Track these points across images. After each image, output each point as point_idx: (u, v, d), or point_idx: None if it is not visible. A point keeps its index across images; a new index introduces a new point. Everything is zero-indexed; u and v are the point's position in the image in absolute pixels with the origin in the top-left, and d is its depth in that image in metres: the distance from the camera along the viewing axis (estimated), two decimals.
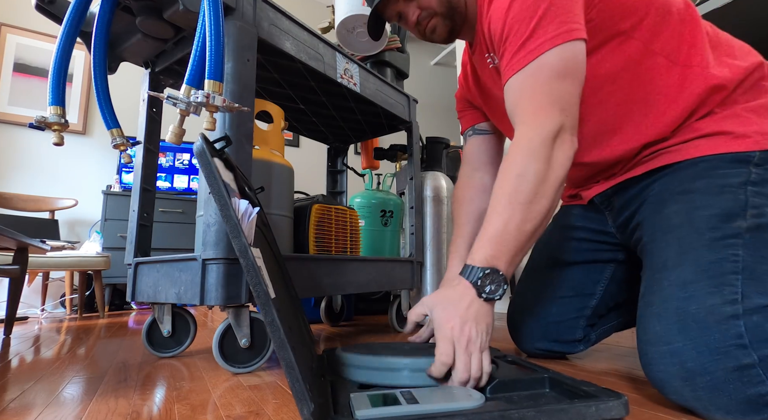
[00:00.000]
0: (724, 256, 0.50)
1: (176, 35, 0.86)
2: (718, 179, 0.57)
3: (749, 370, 0.44)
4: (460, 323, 0.52)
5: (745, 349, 0.44)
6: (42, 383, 0.69)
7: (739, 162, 0.57)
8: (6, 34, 2.44)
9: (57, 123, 0.75)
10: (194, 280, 0.74)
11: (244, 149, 0.76)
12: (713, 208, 0.55)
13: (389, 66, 1.41)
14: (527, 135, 0.57)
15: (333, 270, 0.97)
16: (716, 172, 0.57)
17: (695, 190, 0.58)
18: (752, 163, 0.56)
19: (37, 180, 2.40)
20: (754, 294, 0.47)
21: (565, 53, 0.57)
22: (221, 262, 0.71)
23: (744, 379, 0.44)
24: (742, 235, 0.51)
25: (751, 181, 0.55)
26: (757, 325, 0.45)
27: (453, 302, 0.54)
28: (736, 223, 0.52)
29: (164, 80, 1.02)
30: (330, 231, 1.06)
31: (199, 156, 0.47)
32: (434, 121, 4.22)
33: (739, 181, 0.55)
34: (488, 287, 0.54)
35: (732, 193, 0.55)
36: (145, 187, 0.95)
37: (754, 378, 0.44)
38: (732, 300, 0.47)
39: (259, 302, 0.40)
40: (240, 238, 0.42)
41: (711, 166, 0.58)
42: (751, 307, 0.46)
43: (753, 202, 0.53)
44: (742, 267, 0.49)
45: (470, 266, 0.55)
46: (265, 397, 0.59)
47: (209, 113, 0.66)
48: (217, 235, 0.72)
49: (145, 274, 0.89)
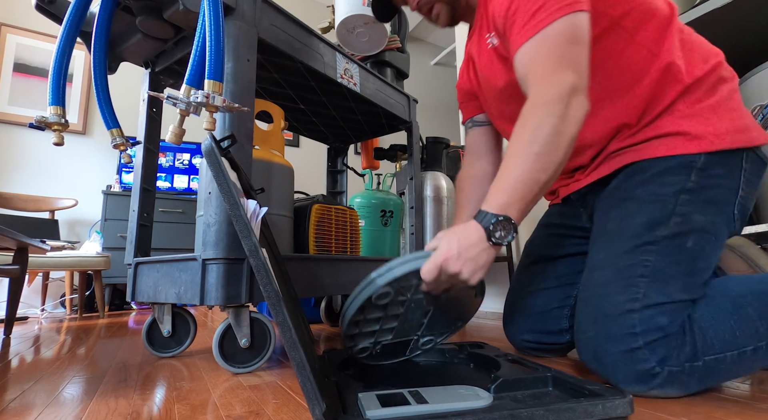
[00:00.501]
0: (638, 261, 0.60)
1: (176, 35, 0.86)
2: (657, 187, 0.64)
3: (637, 352, 0.55)
4: (457, 252, 0.55)
5: (635, 336, 0.56)
6: (42, 383, 0.69)
7: (684, 168, 0.63)
8: (6, 34, 2.44)
9: (57, 123, 0.75)
10: (194, 280, 0.74)
11: (245, 149, 0.76)
12: (642, 216, 0.63)
13: (389, 66, 1.41)
14: (543, 92, 0.59)
15: (333, 270, 0.97)
16: (658, 180, 0.64)
17: (634, 197, 0.66)
18: (696, 168, 0.63)
19: (37, 180, 2.40)
20: (654, 293, 0.58)
21: (574, 21, 0.60)
22: (221, 262, 0.71)
23: (633, 358, 0.55)
24: (659, 241, 0.61)
25: (686, 189, 0.62)
26: (649, 318, 0.56)
27: (460, 235, 0.57)
28: (657, 231, 0.61)
29: (164, 80, 1.02)
30: (330, 231, 1.06)
31: (208, 155, 0.47)
32: (434, 121, 4.22)
33: (673, 190, 0.63)
34: (498, 233, 0.56)
35: (662, 202, 0.63)
36: (145, 187, 0.95)
37: (640, 357, 0.55)
38: (633, 298, 0.58)
39: (270, 302, 0.40)
40: (250, 237, 0.42)
41: (657, 172, 0.65)
42: (647, 303, 0.57)
43: (679, 211, 0.62)
44: (650, 271, 0.59)
45: (484, 212, 0.57)
46: (265, 397, 0.59)
47: (209, 113, 0.66)
48: (217, 235, 0.72)
49: (145, 274, 0.89)
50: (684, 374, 0.54)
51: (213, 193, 0.73)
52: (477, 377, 0.60)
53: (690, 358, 0.54)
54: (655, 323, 0.56)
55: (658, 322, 0.56)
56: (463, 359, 0.70)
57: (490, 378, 0.51)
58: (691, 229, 0.61)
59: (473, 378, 0.60)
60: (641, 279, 0.59)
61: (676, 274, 0.59)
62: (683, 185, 0.63)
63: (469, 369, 0.66)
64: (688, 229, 0.61)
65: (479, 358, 0.67)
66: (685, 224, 0.61)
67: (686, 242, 0.60)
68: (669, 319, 0.56)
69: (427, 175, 1.46)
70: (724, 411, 0.51)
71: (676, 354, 0.55)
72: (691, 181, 0.63)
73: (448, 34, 4.19)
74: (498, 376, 0.51)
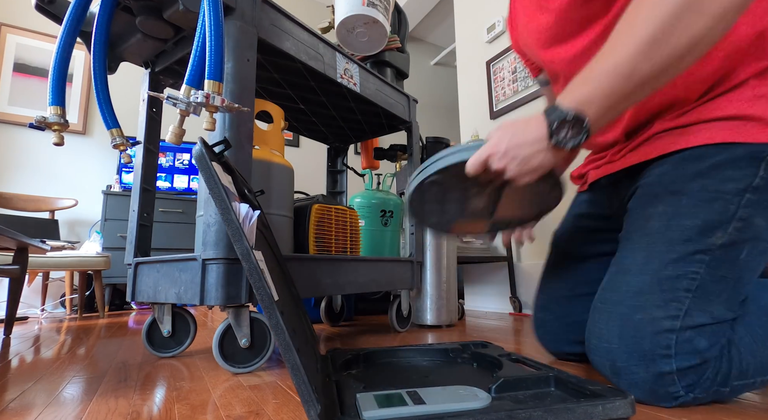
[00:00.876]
0: (685, 272, 0.52)
1: (176, 35, 0.86)
2: (717, 183, 0.54)
3: (666, 376, 0.50)
4: (504, 149, 0.48)
5: (669, 359, 0.49)
6: (42, 383, 0.69)
7: (752, 159, 0.53)
8: (6, 34, 2.44)
9: (57, 123, 0.75)
10: (194, 280, 0.74)
11: (244, 149, 0.76)
12: (696, 218, 0.53)
13: (389, 66, 1.41)
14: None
15: (333, 270, 0.97)
16: (718, 174, 0.54)
17: (687, 192, 0.55)
18: (765, 159, 0.52)
19: (37, 180, 2.40)
20: (697, 312, 0.50)
21: None
22: (221, 262, 0.71)
23: (660, 381, 0.50)
24: (713, 251, 0.52)
25: (752, 187, 0.52)
26: (688, 340, 0.50)
27: (515, 130, 0.49)
28: (713, 237, 0.52)
29: (164, 80, 1.02)
30: (330, 231, 1.06)
31: (198, 160, 0.47)
32: (434, 121, 4.22)
33: (738, 188, 0.52)
34: (563, 133, 0.47)
35: (723, 201, 0.53)
36: (145, 187, 0.95)
37: (668, 382, 0.50)
38: (674, 315, 0.51)
39: (263, 305, 0.40)
40: (242, 241, 0.42)
41: (717, 163, 0.54)
42: (689, 324, 0.50)
43: (741, 214, 0.52)
44: (697, 285, 0.51)
45: (555, 106, 0.48)
46: (265, 397, 0.59)
47: (209, 113, 0.66)
48: (217, 235, 0.72)
49: (145, 274, 0.89)
50: (708, 397, 0.50)
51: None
52: (479, 377, 0.60)
53: (719, 384, 0.50)
54: (694, 347, 0.49)
55: (696, 346, 0.49)
56: (466, 359, 0.70)
57: (492, 378, 0.51)
58: (749, 237, 0.52)
59: (475, 378, 0.60)
60: (686, 294, 0.51)
61: (722, 289, 0.51)
62: (750, 182, 0.52)
63: (472, 369, 0.66)
64: (747, 236, 0.52)
65: (482, 358, 0.67)
66: (746, 231, 0.52)
67: (741, 253, 0.52)
68: (709, 342, 0.50)
69: None
70: (725, 412, 0.50)
71: (709, 382, 0.50)
72: (759, 177, 0.52)
73: (448, 34, 4.19)
74: (499, 376, 0.51)
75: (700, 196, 0.54)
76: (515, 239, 0.73)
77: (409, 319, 1.32)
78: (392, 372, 0.65)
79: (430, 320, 1.36)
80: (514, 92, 1.95)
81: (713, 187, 0.54)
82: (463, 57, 2.33)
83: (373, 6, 1.03)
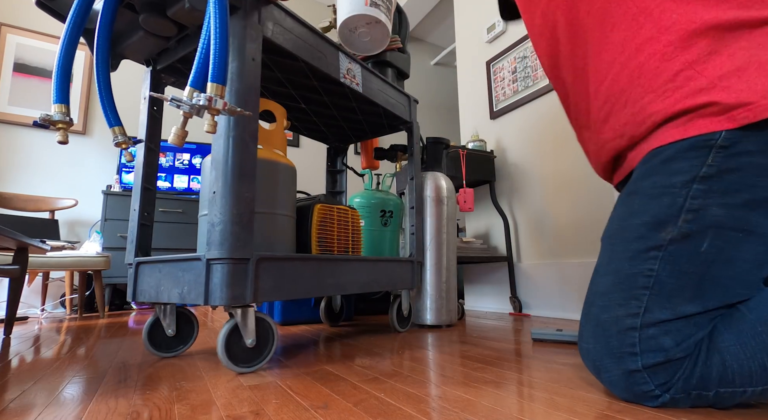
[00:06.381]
0: (640, 270, 0.54)
1: (179, 33, 0.86)
2: (664, 178, 0.54)
3: (636, 374, 0.52)
4: None
5: (635, 356, 0.52)
6: (42, 383, 0.69)
7: (698, 149, 0.52)
8: (6, 34, 2.43)
9: (62, 121, 0.74)
10: (198, 280, 0.73)
11: (249, 149, 0.76)
12: (645, 215, 0.55)
13: (390, 66, 1.41)
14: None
15: (336, 270, 0.97)
16: (666, 168, 0.54)
17: (639, 191, 0.57)
18: (715, 146, 0.51)
19: (37, 180, 2.40)
20: (657, 309, 0.52)
21: None
22: (226, 262, 0.71)
23: (631, 380, 0.52)
24: (665, 246, 0.53)
25: (699, 177, 0.52)
26: (651, 337, 0.51)
27: None
28: (664, 232, 0.53)
29: (165, 78, 1.01)
30: (332, 231, 1.06)
31: None
32: (434, 121, 4.22)
33: (683, 180, 0.53)
34: None
35: (671, 195, 0.53)
36: (146, 186, 0.94)
37: (639, 380, 0.52)
38: (635, 313, 0.53)
39: None
40: None
41: (664, 158, 0.55)
42: (650, 321, 0.52)
43: (690, 205, 0.52)
44: (653, 282, 0.53)
45: None
46: (265, 397, 0.59)
47: (210, 116, 0.65)
48: (222, 235, 0.71)
49: (146, 274, 0.88)
50: (689, 399, 0.50)
51: (218, 193, 0.73)
52: None
53: (698, 387, 0.49)
54: (657, 344, 0.50)
55: (660, 344, 0.50)
56: None
57: None
58: (706, 227, 0.51)
59: None
60: (643, 291, 0.53)
61: (685, 284, 0.51)
62: (697, 172, 0.52)
63: None
64: (702, 227, 0.51)
65: None
66: (699, 222, 0.51)
67: (700, 245, 0.51)
68: (674, 340, 0.50)
69: (427, 176, 1.46)
70: (726, 412, 0.50)
71: (681, 382, 0.50)
72: (707, 165, 0.51)
73: (448, 34, 4.19)
74: None
75: (649, 193, 0.56)
76: None
77: (410, 319, 1.32)
78: None
79: (429, 320, 1.36)
80: (514, 92, 1.95)
81: (661, 183, 0.55)
82: (463, 57, 2.33)
83: (376, 6, 1.03)
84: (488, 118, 2.11)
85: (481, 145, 1.95)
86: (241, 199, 0.73)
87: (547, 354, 0.88)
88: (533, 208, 1.83)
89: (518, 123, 1.93)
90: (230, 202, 0.72)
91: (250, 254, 0.73)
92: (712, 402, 0.50)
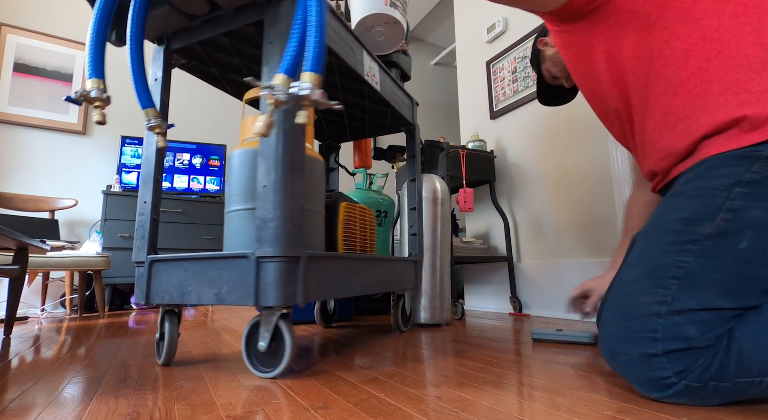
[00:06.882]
0: (672, 261, 0.55)
1: (210, 12, 0.80)
2: (707, 181, 0.57)
3: (654, 358, 0.52)
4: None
5: (655, 341, 0.52)
6: (42, 383, 0.69)
7: (743, 158, 0.55)
8: (6, 34, 2.44)
9: (99, 98, 0.64)
10: (244, 280, 0.70)
11: (299, 143, 0.73)
12: (683, 212, 0.57)
13: (396, 67, 1.40)
14: None
15: (362, 269, 0.95)
16: (709, 174, 0.57)
17: (680, 193, 0.60)
18: (761, 157, 0.54)
19: (37, 180, 2.40)
20: (686, 298, 0.53)
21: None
22: (280, 260, 0.68)
23: (648, 364, 0.53)
24: (701, 241, 0.54)
25: (743, 181, 0.54)
26: (675, 325, 0.52)
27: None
28: (700, 227, 0.55)
29: (176, 59, 0.95)
30: (355, 230, 1.06)
31: None
32: (434, 122, 4.22)
33: (727, 183, 0.55)
34: None
35: (711, 195, 0.56)
36: (157, 177, 0.87)
37: (656, 364, 0.52)
38: (661, 300, 0.54)
39: None
40: None
41: (709, 166, 0.58)
42: (676, 309, 0.52)
43: (730, 205, 0.54)
44: (684, 273, 0.54)
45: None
46: (265, 397, 0.59)
47: (303, 107, 0.60)
48: (276, 231, 0.68)
49: (164, 272, 0.80)
50: (705, 391, 0.50)
51: (269, 187, 0.70)
52: None
53: (716, 378, 0.50)
54: (681, 332, 0.51)
55: (684, 332, 0.51)
56: None
57: None
58: (744, 226, 0.52)
59: None
60: (673, 281, 0.54)
61: (718, 278, 0.52)
62: (740, 177, 0.54)
63: None
64: (740, 226, 0.52)
65: None
66: (737, 220, 0.53)
67: (738, 243, 0.52)
68: (699, 330, 0.51)
69: (423, 178, 1.46)
70: (726, 412, 0.50)
71: (700, 371, 0.50)
72: (751, 171, 0.54)
73: (448, 34, 4.19)
74: None
75: (691, 194, 0.58)
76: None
77: (411, 319, 1.32)
78: None
79: (425, 319, 1.36)
80: (514, 92, 1.95)
81: (703, 186, 0.57)
82: (463, 57, 2.33)
83: (395, 6, 1.02)
84: (488, 118, 2.11)
85: (481, 145, 1.95)
86: (293, 195, 0.70)
87: (547, 354, 0.88)
88: (533, 208, 1.83)
89: (518, 123, 1.93)
90: (283, 198, 0.69)
91: (301, 252, 0.71)
92: (729, 393, 0.50)
